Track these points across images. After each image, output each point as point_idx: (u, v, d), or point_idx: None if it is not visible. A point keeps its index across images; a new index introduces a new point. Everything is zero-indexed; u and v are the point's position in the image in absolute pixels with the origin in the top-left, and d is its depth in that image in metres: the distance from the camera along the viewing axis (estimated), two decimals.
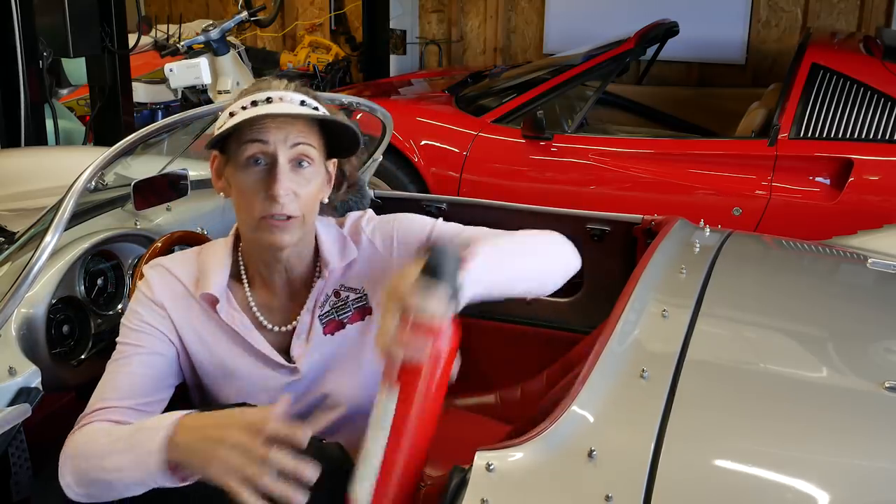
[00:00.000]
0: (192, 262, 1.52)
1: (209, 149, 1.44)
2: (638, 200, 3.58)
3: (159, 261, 1.53)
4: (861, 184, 3.44)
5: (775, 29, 5.59)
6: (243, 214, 1.42)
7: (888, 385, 1.34)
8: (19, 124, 3.71)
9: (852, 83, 3.52)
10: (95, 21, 3.89)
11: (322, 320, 1.50)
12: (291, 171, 1.38)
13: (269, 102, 1.38)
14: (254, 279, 1.52)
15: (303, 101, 1.41)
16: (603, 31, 4.64)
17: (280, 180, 1.36)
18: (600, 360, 1.35)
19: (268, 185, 1.36)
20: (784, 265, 2.02)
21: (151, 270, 1.52)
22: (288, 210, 1.37)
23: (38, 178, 2.70)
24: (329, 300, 1.51)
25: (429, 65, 6.59)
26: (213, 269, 1.49)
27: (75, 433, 1.36)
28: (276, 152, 1.37)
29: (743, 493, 1.17)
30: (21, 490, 1.65)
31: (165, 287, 1.49)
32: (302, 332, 1.50)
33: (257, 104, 1.39)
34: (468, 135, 3.98)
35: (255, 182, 1.38)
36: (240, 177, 1.39)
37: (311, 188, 1.41)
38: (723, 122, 4.63)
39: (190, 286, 1.49)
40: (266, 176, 1.37)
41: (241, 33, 6.02)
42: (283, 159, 1.37)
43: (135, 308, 1.49)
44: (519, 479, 1.17)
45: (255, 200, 1.38)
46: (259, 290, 1.52)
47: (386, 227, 1.55)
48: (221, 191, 1.47)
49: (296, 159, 1.39)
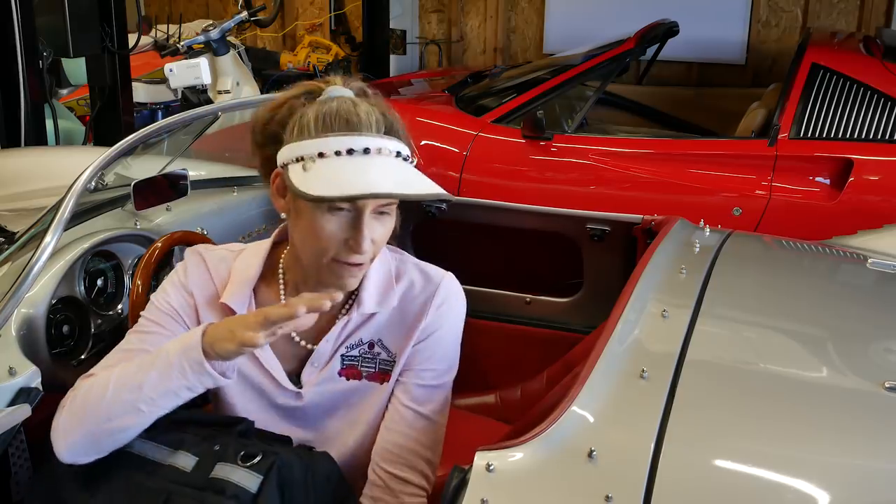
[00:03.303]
0: (227, 266, 1.50)
1: (282, 168, 1.35)
2: (638, 200, 3.57)
3: (202, 252, 1.52)
4: (861, 184, 3.43)
5: (775, 29, 5.59)
6: (311, 251, 1.37)
7: (888, 385, 1.34)
8: (19, 124, 3.70)
9: (852, 83, 3.52)
10: (95, 21, 3.89)
11: (344, 361, 1.48)
12: (373, 220, 1.34)
13: (367, 154, 1.31)
14: (290, 286, 1.49)
15: (398, 152, 1.35)
16: (603, 31, 4.63)
17: (364, 234, 1.32)
18: (600, 360, 1.35)
19: (350, 233, 1.33)
20: (784, 265, 2.02)
21: (192, 258, 1.51)
22: (364, 259, 1.35)
23: (38, 178, 2.70)
24: (361, 347, 1.48)
25: (429, 65, 6.59)
26: (241, 280, 1.47)
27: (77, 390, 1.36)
28: (364, 205, 1.32)
29: (743, 493, 1.17)
30: (21, 490, 1.65)
31: (199, 279, 1.48)
32: (318, 360, 1.48)
33: (353, 153, 1.31)
34: (468, 135, 3.97)
35: (336, 229, 1.33)
36: (319, 219, 1.33)
37: (385, 233, 1.38)
38: (723, 122, 4.63)
39: (220, 289, 1.48)
40: (349, 223, 1.33)
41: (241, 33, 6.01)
42: (369, 211, 1.33)
43: (166, 288, 1.48)
44: (519, 479, 1.17)
45: (331, 244, 1.34)
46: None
47: (444, 318, 1.49)
48: (284, 212, 1.42)
49: (379, 210, 1.35)
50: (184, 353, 1.28)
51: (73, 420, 1.33)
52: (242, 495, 1.28)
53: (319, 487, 1.36)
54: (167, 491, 1.31)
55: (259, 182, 2.43)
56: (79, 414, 1.33)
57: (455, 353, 1.53)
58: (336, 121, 1.34)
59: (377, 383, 1.49)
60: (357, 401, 1.50)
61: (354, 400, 1.50)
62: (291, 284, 1.49)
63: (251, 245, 1.55)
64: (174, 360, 1.29)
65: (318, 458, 1.40)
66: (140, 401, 1.29)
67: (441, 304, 1.49)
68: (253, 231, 2.30)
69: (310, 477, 1.35)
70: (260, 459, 1.32)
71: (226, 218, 2.22)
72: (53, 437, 1.34)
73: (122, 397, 1.30)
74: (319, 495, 1.35)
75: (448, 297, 1.50)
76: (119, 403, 1.30)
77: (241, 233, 2.23)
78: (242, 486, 1.29)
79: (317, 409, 1.49)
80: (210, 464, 1.33)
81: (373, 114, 1.36)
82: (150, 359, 1.33)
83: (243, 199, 2.34)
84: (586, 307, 2.39)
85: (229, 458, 1.33)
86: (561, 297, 2.43)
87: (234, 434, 1.39)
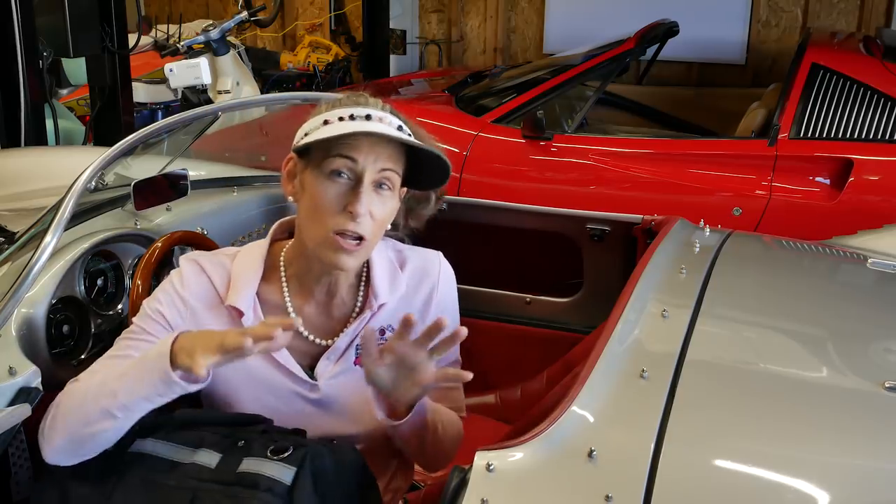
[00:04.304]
0: (226, 268, 1.51)
1: (295, 151, 1.43)
2: (638, 200, 3.57)
3: (198, 258, 1.52)
4: (861, 184, 3.43)
5: (775, 29, 5.59)
6: (313, 225, 1.40)
7: (888, 385, 1.34)
8: (19, 124, 3.70)
9: (852, 83, 3.52)
10: (95, 21, 3.89)
11: (358, 350, 1.50)
12: (373, 192, 1.38)
13: (369, 120, 1.38)
14: (292, 283, 1.51)
15: (400, 126, 1.41)
16: (603, 31, 4.64)
17: (362, 200, 1.35)
18: (600, 360, 1.35)
19: (349, 200, 1.36)
20: (784, 265, 2.02)
21: (188, 266, 1.51)
22: (362, 229, 1.37)
23: (38, 178, 2.70)
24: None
25: (429, 65, 6.59)
26: (244, 281, 1.48)
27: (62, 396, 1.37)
28: (363, 171, 1.36)
29: (743, 493, 1.17)
30: (21, 490, 1.65)
31: (199, 286, 1.48)
32: (333, 354, 1.50)
33: (355, 119, 1.37)
34: (468, 135, 3.97)
35: (336, 195, 1.37)
36: (320, 186, 1.38)
37: (386, 212, 1.41)
38: (723, 122, 4.63)
39: (222, 292, 1.48)
40: (348, 191, 1.37)
41: (241, 33, 6.01)
42: (369, 179, 1.37)
43: (158, 296, 1.48)
44: (519, 479, 1.17)
45: (330, 213, 1.37)
46: (297, 296, 1.51)
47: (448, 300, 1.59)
48: (291, 195, 1.46)
49: (379, 181, 1.38)
50: (154, 361, 1.29)
51: (55, 424, 1.34)
52: (277, 488, 1.28)
53: (347, 477, 1.37)
54: (191, 488, 1.30)
55: (259, 182, 2.43)
56: (60, 418, 1.34)
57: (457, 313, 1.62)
58: (345, 101, 1.42)
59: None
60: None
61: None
62: (294, 279, 1.50)
63: (244, 247, 1.55)
64: (146, 366, 1.30)
65: (344, 449, 1.40)
66: (115, 406, 1.30)
67: (444, 283, 1.58)
68: (253, 231, 2.30)
69: (339, 467, 1.35)
70: (291, 452, 1.32)
71: (226, 218, 2.22)
72: (40, 439, 1.36)
73: (99, 403, 1.31)
74: (347, 485, 1.36)
75: (447, 275, 1.59)
76: (96, 409, 1.31)
77: (241, 233, 2.23)
78: (276, 479, 1.29)
79: (334, 400, 1.50)
80: (236, 459, 1.33)
81: (384, 105, 1.43)
82: (127, 366, 1.34)
83: (243, 199, 2.34)
84: (586, 307, 2.39)
85: (256, 453, 1.33)
86: (561, 297, 2.43)
87: (255, 430, 1.39)
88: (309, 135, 1.39)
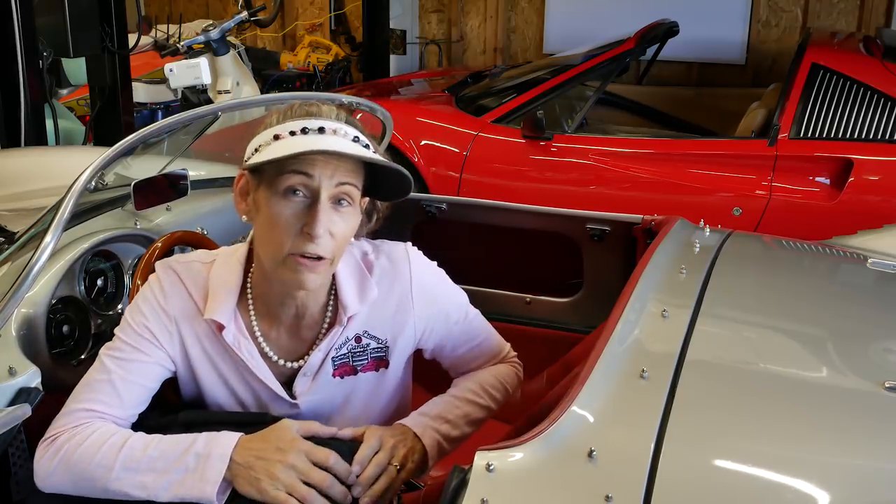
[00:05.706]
0: (203, 278, 1.44)
1: (246, 169, 1.35)
2: (638, 200, 3.58)
3: (174, 267, 1.46)
4: (861, 184, 3.44)
5: (775, 29, 5.59)
6: (269, 247, 1.33)
7: (888, 385, 1.34)
8: (19, 124, 3.70)
9: (852, 83, 3.52)
10: (95, 21, 3.89)
11: (335, 362, 1.45)
12: (331, 209, 1.30)
13: (322, 133, 1.30)
14: (258, 304, 1.45)
15: (356, 137, 1.33)
16: (603, 31, 4.64)
17: (320, 219, 1.28)
18: (600, 360, 1.35)
19: (305, 220, 1.28)
20: (784, 265, 2.02)
21: (166, 276, 1.45)
22: (321, 250, 1.29)
23: (38, 178, 2.70)
24: (348, 343, 1.46)
25: (429, 65, 6.59)
26: (222, 293, 1.42)
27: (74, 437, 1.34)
28: (319, 188, 1.28)
29: (743, 493, 1.17)
30: (21, 490, 1.65)
31: (178, 299, 1.43)
32: (309, 371, 1.45)
33: (308, 132, 1.30)
34: (468, 135, 3.98)
35: (291, 215, 1.29)
36: (274, 206, 1.30)
37: (346, 229, 1.33)
38: (723, 122, 4.64)
39: (200, 304, 1.43)
40: (304, 210, 1.29)
41: (241, 33, 6.02)
42: (325, 196, 1.29)
43: (142, 309, 1.43)
44: (519, 479, 1.17)
45: (287, 235, 1.29)
46: (263, 319, 1.45)
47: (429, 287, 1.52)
48: (244, 214, 1.39)
49: (337, 197, 1.31)
50: (199, 481, 1.27)
51: (62, 468, 1.32)
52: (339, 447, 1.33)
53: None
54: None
55: None
56: (70, 467, 1.32)
57: (455, 292, 1.58)
58: (296, 111, 1.35)
59: (373, 372, 1.49)
60: (359, 395, 1.50)
61: (356, 395, 1.49)
62: (260, 300, 1.44)
63: (221, 255, 1.49)
64: (186, 484, 1.28)
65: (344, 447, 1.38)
66: (138, 495, 1.29)
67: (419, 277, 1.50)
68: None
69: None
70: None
71: (226, 218, 2.21)
72: (36, 467, 1.34)
73: (122, 484, 1.30)
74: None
75: (419, 268, 1.51)
76: (117, 489, 1.30)
77: (240, 233, 2.23)
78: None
79: (317, 416, 1.47)
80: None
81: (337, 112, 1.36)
82: (162, 462, 1.30)
83: None
84: (586, 307, 2.39)
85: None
86: (561, 297, 2.43)
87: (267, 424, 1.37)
88: (259, 151, 1.32)
